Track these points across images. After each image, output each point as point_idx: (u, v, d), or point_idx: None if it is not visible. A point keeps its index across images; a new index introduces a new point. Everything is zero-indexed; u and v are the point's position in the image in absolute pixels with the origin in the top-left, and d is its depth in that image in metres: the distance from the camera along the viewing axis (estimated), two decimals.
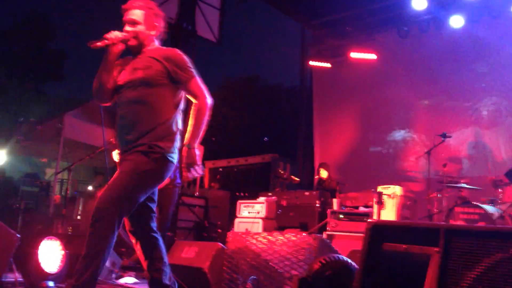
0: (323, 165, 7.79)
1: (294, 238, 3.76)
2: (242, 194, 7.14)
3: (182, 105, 2.96)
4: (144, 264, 2.89)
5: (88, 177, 6.90)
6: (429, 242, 1.82)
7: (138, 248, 2.89)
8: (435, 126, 8.19)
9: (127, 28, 2.88)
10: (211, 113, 2.88)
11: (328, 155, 9.71)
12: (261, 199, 6.89)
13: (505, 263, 1.59)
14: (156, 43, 3.00)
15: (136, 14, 2.89)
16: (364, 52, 9.24)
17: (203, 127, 2.85)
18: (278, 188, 7.50)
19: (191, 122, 2.84)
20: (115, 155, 6.52)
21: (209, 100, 2.86)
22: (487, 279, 1.61)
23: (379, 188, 6.31)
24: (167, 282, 2.87)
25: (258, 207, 6.80)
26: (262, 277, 3.62)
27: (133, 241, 2.90)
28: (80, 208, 7.08)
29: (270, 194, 7.10)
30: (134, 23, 2.89)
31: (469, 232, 1.77)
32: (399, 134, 9.01)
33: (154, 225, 2.93)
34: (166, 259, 2.93)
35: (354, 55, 9.24)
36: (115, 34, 2.82)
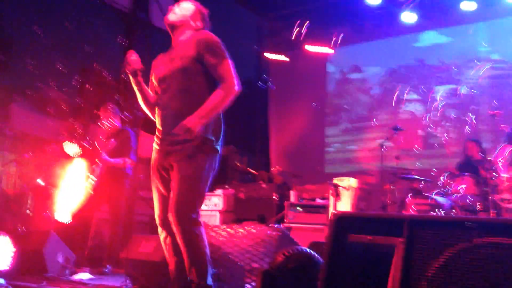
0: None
1: (254, 231, 3.77)
2: None
3: None
4: (172, 260, 2.83)
5: (38, 170, 6.64)
6: (394, 233, 1.85)
7: (167, 243, 2.84)
8: (389, 119, 8.45)
9: (176, 9, 2.95)
10: (232, 102, 2.79)
11: (284, 148, 9.78)
12: (218, 191, 6.85)
13: (468, 253, 1.63)
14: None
15: (184, 8, 2.99)
16: (319, 46, 9.32)
17: (218, 111, 2.78)
18: (235, 181, 7.47)
19: (208, 100, 2.74)
20: (67, 147, 6.29)
21: (237, 87, 2.77)
22: (451, 268, 1.65)
23: (335, 180, 6.41)
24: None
25: (215, 199, 6.76)
26: (223, 271, 3.59)
27: (163, 235, 2.85)
28: (29, 202, 6.81)
29: (227, 186, 7.07)
30: (182, 9, 2.98)
31: (433, 222, 1.81)
32: (353, 127, 9.19)
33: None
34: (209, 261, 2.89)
35: (309, 48, 9.30)
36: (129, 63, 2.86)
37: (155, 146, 2.90)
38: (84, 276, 4.38)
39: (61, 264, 4.28)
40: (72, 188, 5.56)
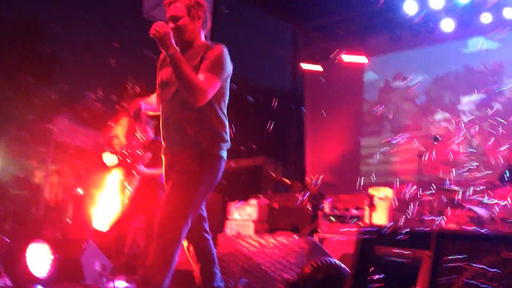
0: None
1: (285, 241, 3.76)
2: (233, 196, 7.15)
3: (226, 97, 2.88)
4: (196, 267, 2.85)
5: (78, 180, 6.85)
6: (421, 246, 1.82)
7: (191, 251, 2.85)
8: (428, 128, 8.28)
9: (170, 25, 2.75)
10: (189, 93, 2.65)
11: (320, 158, 9.72)
12: (253, 201, 6.87)
13: (495, 266, 1.58)
14: (202, 35, 2.87)
15: (177, 8, 2.77)
16: (355, 55, 9.26)
17: (180, 72, 2.59)
18: (269, 191, 7.48)
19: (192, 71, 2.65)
20: (106, 158, 6.46)
21: (204, 97, 2.63)
22: (478, 282, 1.60)
23: (370, 191, 6.30)
24: (218, 284, 2.85)
25: (249, 209, 6.77)
26: (253, 280, 3.60)
27: (185, 244, 2.84)
28: (69, 211, 7.03)
29: (261, 196, 7.08)
30: (176, 19, 2.76)
31: (460, 236, 1.77)
32: (391, 137, 9.04)
33: (206, 225, 2.89)
34: (216, 260, 2.91)
35: (345, 58, 9.26)
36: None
37: (163, 158, 2.92)
38: (120, 284, 4.48)
39: (98, 272, 4.38)
40: (110, 197, 5.71)
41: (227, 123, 2.87)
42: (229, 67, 2.79)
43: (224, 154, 2.82)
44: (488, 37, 8.12)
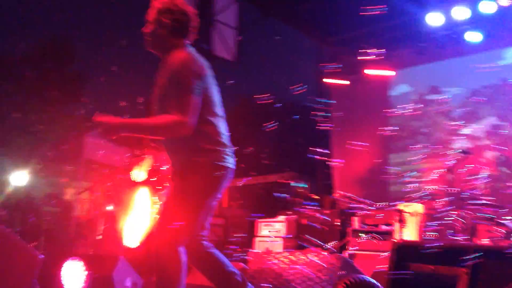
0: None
1: (316, 258, 3.73)
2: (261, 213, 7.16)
3: (210, 99, 2.70)
4: (214, 283, 2.82)
5: (108, 197, 6.96)
6: (457, 263, 1.79)
7: (202, 273, 2.83)
8: (460, 142, 8.16)
9: (147, 34, 2.75)
10: (167, 134, 2.63)
11: (347, 173, 9.64)
12: (281, 217, 6.87)
13: None
14: (180, 43, 2.76)
15: (149, 12, 2.73)
16: (380, 69, 9.22)
17: (147, 132, 2.64)
18: (297, 207, 7.46)
19: (150, 118, 2.64)
20: (135, 174, 6.56)
21: (186, 128, 2.52)
22: None
23: (400, 206, 6.23)
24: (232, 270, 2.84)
25: (278, 226, 6.77)
26: None
27: (194, 266, 2.82)
28: (101, 228, 7.13)
29: (289, 212, 7.07)
30: (148, 23, 2.74)
31: (497, 252, 1.74)
32: (419, 151, 8.92)
33: (205, 242, 2.83)
34: (232, 268, 2.86)
35: (369, 71, 9.22)
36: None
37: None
38: None
39: None
40: (140, 214, 5.78)
41: (218, 127, 2.73)
42: (197, 73, 2.61)
43: (224, 160, 2.69)
44: None
